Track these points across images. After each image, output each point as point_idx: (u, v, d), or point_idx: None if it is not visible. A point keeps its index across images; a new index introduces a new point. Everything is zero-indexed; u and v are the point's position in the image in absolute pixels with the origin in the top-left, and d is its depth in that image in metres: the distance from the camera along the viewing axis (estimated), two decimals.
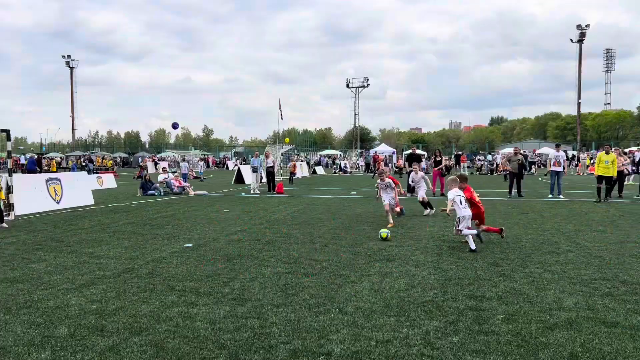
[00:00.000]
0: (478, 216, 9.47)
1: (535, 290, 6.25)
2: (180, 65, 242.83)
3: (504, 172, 24.89)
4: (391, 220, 11.88)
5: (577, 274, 7.02)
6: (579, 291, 6.19)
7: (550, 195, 19.11)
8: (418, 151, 23.50)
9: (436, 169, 20.76)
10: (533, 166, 44.71)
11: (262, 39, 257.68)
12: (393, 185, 12.45)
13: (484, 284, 6.51)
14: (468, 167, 47.80)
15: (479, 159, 52.38)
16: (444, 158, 21.36)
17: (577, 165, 47.81)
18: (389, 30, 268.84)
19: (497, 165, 43.72)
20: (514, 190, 19.67)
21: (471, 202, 9.33)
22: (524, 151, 53.18)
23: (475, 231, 9.05)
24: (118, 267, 7.65)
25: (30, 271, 7.45)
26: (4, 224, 12.11)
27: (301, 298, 5.96)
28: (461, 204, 9.04)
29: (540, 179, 34.05)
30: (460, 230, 8.90)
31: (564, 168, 19.77)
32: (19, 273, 7.34)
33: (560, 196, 18.80)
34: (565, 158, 20.06)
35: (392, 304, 5.71)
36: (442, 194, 20.01)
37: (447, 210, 9.25)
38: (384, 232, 9.83)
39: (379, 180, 12.75)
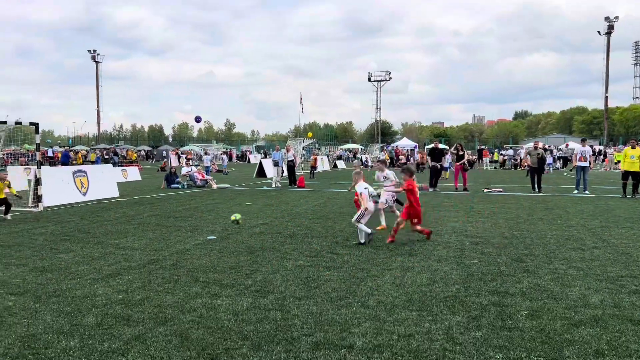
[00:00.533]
0: (416, 215, 9.05)
1: (560, 286, 6.17)
2: (202, 60, 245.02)
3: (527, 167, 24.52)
4: (383, 222, 10.51)
5: (604, 271, 6.90)
6: (605, 288, 6.09)
7: (576, 191, 18.79)
8: (440, 145, 23.25)
9: (458, 163, 20.55)
10: (558, 161, 43.87)
11: (283, 33, 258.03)
12: (393, 177, 10.95)
13: (508, 280, 6.46)
14: (491, 162, 47.18)
15: (502, 154, 51.64)
16: (466, 152, 21.08)
17: (603, 160, 46.86)
18: (411, 24, 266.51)
19: (520, 160, 43.07)
20: (537, 185, 19.41)
21: (412, 199, 9.00)
22: (549, 146, 52.27)
23: (369, 230, 8.79)
24: (143, 258, 7.79)
25: (59, 261, 7.63)
26: (9, 217, 12.35)
27: (323, 291, 5.99)
28: (369, 196, 8.95)
29: (565, 174, 33.49)
30: (359, 222, 8.80)
31: (590, 163, 19.43)
32: (48, 263, 7.53)
33: (586, 192, 18.48)
34: (591, 153, 19.68)
35: (414, 298, 5.70)
36: (465, 189, 19.83)
37: (365, 205, 8.86)
38: (235, 216, 9.66)
39: (377, 173, 11.43)
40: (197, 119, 32.36)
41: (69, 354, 4.24)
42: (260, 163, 32.00)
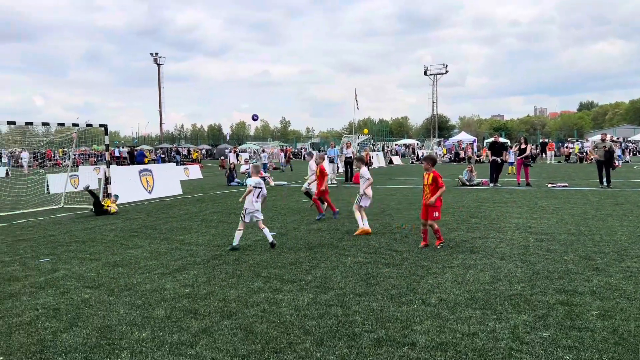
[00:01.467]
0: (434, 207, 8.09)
1: (633, 285, 5.87)
2: (258, 59, 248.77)
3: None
4: (365, 225, 9.57)
5: None
6: None
7: None
8: (501, 139, 22.55)
9: (520, 157, 19.88)
10: (628, 153, 41.58)
11: (338, 29, 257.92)
12: (367, 177, 9.85)
13: (576, 278, 6.21)
14: (555, 155, 45.38)
15: (568, 147, 49.52)
16: (528, 146, 20.34)
17: None
18: (468, 15, 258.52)
19: (586, 153, 41.19)
20: (604, 179, 18.49)
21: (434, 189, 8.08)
22: (617, 138, 49.61)
23: (236, 243, 8.33)
24: (207, 254, 8.05)
25: (129, 256, 8.02)
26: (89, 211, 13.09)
27: (383, 288, 5.99)
28: (257, 198, 8.35)
29: (635, 167, 31.70)
30: (247, 222, 8.40)
31: None
32: (119, 258, 7.93)
33: None
34: None
35: (477, 296, 5.59)
36: (528, 184, 19.18)
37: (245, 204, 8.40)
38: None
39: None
40: (254, 117, 32.99)
41: (142, 344, 4.46)
42: None
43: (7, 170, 34.34)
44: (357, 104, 36.25)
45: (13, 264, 7.70)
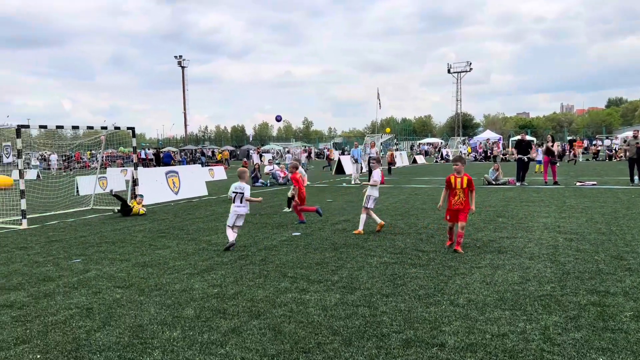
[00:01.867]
0: (463, 212, 7.91)
1: None
2: (280, 60, 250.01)
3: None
4: (380, 221, 9.72)
5: None
6: None
7: None
8: (527, 137, 22.20)
9: (547, 156, 19.53)
10: None
11: (359, 28, 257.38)
12: (375, 178, 9.84)
13: (608, 279, 6.09)
14: (583, 153, 44.48)
15: (596, 144, 48.49)
16: (555, 144, 19.97)
17: None
18: (492, 12, 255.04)
19: (615, 150, 40.26)
20: (636, 177, 18.05)
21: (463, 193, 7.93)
22: None
23: (232, 239, 8.47)
24: (234, 254, 8.14)
25: (158, 257, 8.16)
26: (116, 209, 13.34)
27: (410, 288, 5.97)
28: (234, 202, 8.54)
29: None
30: (230, 226, 8.60)
31: None
32: (148, 258, 8.07)
33: None
34: None
35: (506, 297, 5.53)
36: (555, 183, 18.85)
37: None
38: None
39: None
40: (278, 118, 33.11)
41: (173, 344, 4.54)
42: (339, 160, 32.22)
43: (38, 172, 35.23)
44: (380, 103, 36.11)
45: (47, 264, 7.90)
